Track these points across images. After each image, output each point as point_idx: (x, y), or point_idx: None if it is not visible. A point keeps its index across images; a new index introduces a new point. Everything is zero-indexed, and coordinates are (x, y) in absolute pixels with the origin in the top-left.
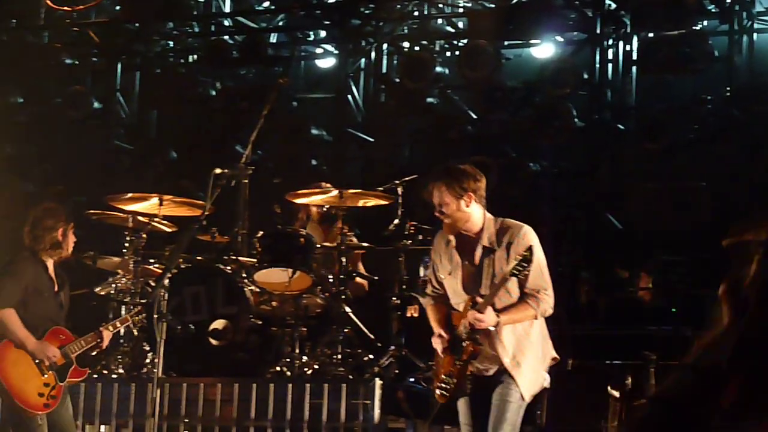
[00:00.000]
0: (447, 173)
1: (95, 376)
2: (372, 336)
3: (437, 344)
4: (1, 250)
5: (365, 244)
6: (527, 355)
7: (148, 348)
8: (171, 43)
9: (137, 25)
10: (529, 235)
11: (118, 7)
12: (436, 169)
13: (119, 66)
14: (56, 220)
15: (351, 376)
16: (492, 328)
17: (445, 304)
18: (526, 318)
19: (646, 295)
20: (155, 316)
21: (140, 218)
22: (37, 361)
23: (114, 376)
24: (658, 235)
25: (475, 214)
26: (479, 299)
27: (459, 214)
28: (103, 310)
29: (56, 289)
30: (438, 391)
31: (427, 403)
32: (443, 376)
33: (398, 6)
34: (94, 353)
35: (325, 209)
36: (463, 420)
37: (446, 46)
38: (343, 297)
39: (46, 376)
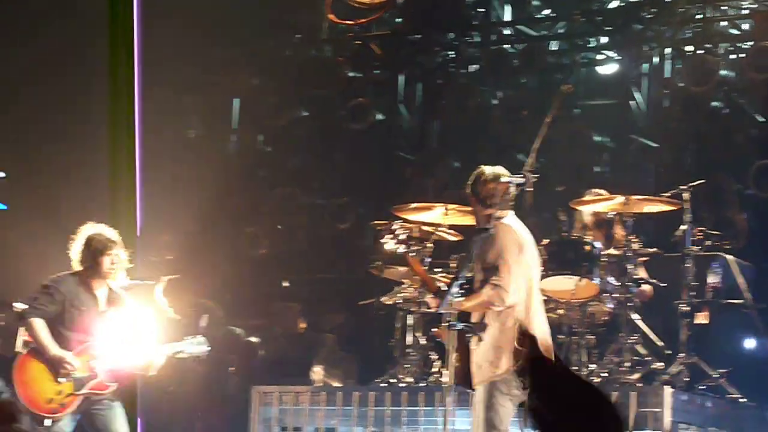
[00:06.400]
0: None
1: (383, 384)
2: (661, 343)
3: None
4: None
5: (652, 249)
6: (480, 346)
7: (435, 357)
8: (452, 54)
9: (418, 36)
10: (495, 231)
11: (399, 20)
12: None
13: (401, 77)
14: (110, 246)
15: (640, 384)
16: (442, 311)
17: None
18: (473, 306)
19: None
20: (444, 324)
21: (425, 228)
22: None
23: (402, 384)
24: None
25: (478, 214)
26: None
27: (477, 214)
28: (390, 319)
29: (101, 308)
30: None
31: None
32: None
33: (680, 9)
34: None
35: (609, 216)
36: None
37: (730, 48)
38: (630, 304)
39: (61, 383)
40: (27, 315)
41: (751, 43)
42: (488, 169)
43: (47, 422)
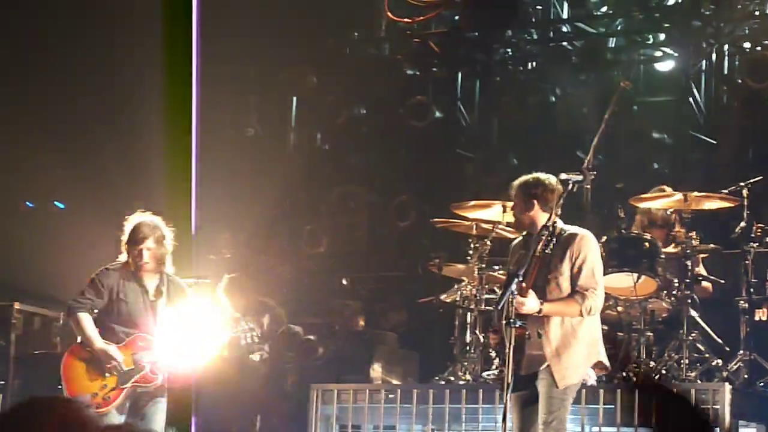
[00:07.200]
0: (521, 180)
1: (442, 382)
2: (720, 340)
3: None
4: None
5: (711, 246)
6: (570, 350)
7: (494, 354)
8: (510, 51)
9: (477, 34)
10: (583, 242)
11: (457, 17)
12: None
13: (459, 75)
14: (142, 238)
15: (699, 381)
16: (533, 312)
17: None
18: (569, 312)
19: None
20: (503, 322)
21: (484, 225)
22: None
23: (461, 382)
24: None
25: (537, 218)
26: (522, 285)
27: (522, 217)
28: (450, 317)
29: (151, 299)
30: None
31: None
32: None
33: (739, 6)
34: None
35: (669, 213)
36: (513, 417)
37: None
38: (690, 301)
39: (106, 377)
40: (73, 309)
41: None
42: (543, 175)
43: None
